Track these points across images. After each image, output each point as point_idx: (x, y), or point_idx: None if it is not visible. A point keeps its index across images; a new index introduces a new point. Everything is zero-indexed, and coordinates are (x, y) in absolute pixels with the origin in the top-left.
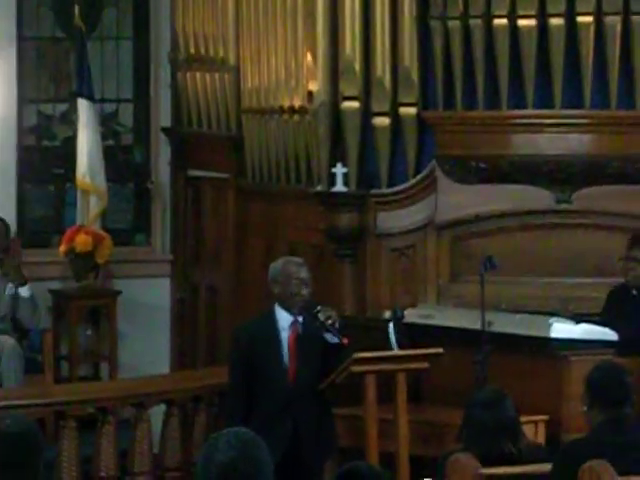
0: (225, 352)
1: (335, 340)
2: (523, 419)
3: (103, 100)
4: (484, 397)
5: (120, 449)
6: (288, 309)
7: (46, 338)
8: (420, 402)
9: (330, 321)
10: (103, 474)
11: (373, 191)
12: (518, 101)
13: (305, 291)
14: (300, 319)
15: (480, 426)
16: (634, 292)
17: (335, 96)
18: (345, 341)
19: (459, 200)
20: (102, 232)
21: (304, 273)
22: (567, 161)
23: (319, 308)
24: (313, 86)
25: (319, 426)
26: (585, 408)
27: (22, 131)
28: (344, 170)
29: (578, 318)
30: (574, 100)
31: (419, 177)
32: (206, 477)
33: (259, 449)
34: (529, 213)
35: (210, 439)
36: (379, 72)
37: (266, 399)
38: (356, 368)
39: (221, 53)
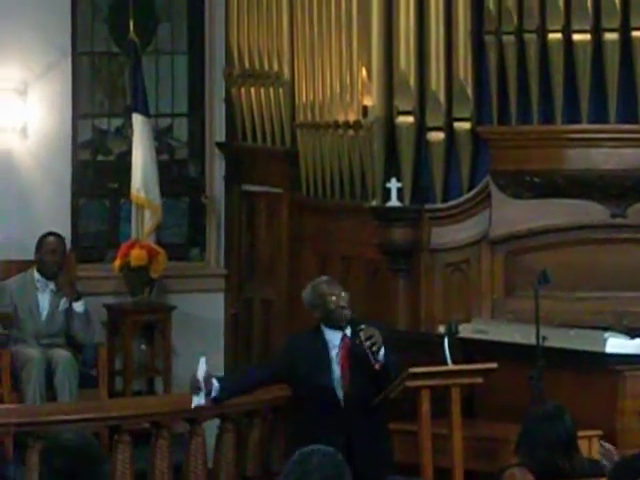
0: None
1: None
2: (577, 434)
3: (158, 115)
4: (545, 411)
5: (174, 464)
6: (336, 326)
7: (100, 353)
8: (474, 417)
9: (369, 342)
10: None
11: (427, 206)
12: (573, 116)
13: (343, 302)
14: (348, 333)
15: (538, 440)
16: None
17: (390, 111)
18: (377, 366)
19: (513, 215)
20: (156, 247)
21: (337, 287)
22: (622, 175)
23: (363, 327)
24: (368, 101)
25: (375, 442)
26: None
27: (77, 146)
28: (398, 185)
29: (633, 333)
30: (629, 114)
31: (473, 192)
32: None
33: (345, 470)
34: (584, 228)
35: (299, 456)
36: (434, 87)
37: (317, 416)
38: (410, 383)
39: (275, 68)
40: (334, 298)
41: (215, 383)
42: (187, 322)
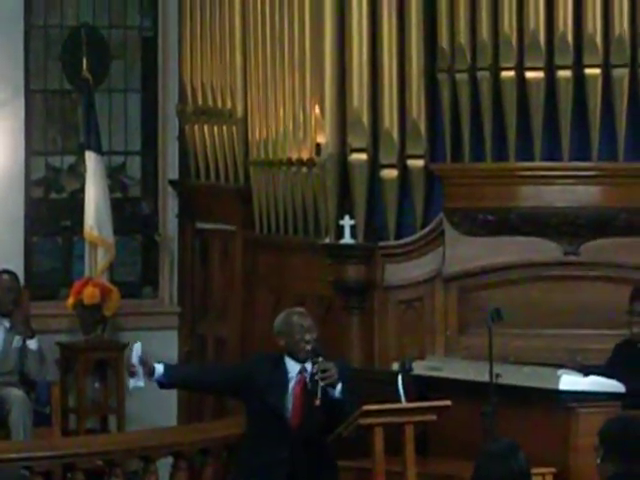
0: (232, 405)
1: (334, 395)
2: (531, 472)
3: (111, 152)
4: (497, 448)
5: None
6: (296, 358)
7: (54, 391)
8: (428, 455)
9: (318, 376)
10: None
11: (381, 243)
12: (526, 153)
13: (309, 337)
14: (308, 367)
15: (491, 477)
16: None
17: (343, 148)
18: (317, 402)
19: (467, 252)
20: (110, 285)
21: (307, 321)
22: (575, 213)
23: (320, 359)
24: (321, 138)
25: (321, 477)
26: (598, 460)
27: (30, 183)
28: (352, 222)
29: (586, 370)
30: (582, 152)
31: (427, 229)
32: None
33: None
34: (537, 265)
35: None
36: (387, 124)
37: (264, 445)
38: (364, 420)
39: (229, 105)
40: (301, 329)
41: (158, 366)
42: None
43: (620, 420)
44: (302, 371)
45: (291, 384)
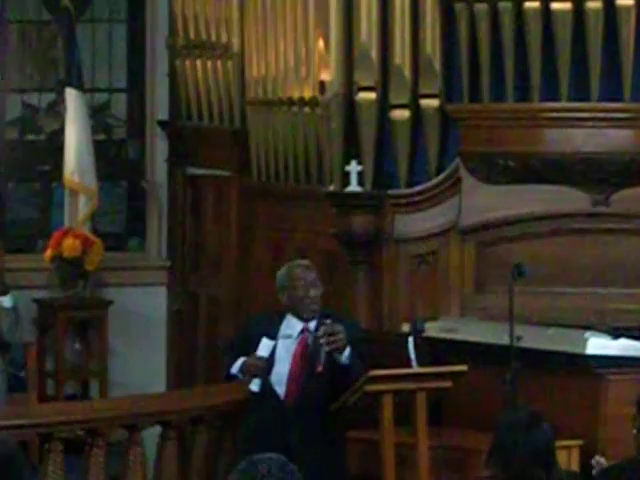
0: None
1: (341, 360)
2: (556, 444)
3: (94, 90)
4: (518, 419)
5: (110, 475)
6: (299, 315)
7: (30, 353)
8: (441, 425)
9: (323, 340)
10: None
11: (391, 192)
12: (551, 93)
13: (313, 292)
14: (312, 327)
15: (512, 450)
16: None
17: (349, 86)
18: (319, 369)
19: (485, 202)
20: (92, 236)
21: (311, 275)
22: (605, 159)
23: (329, 322)
24: (325, 75)
25: (322, 450)
26: (635, 431)
27: (4, 123)
28: (359, 168)
29: (616, 332)
30: (613, 92)
31: (441, 176)
32: None
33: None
34: (562, 216)
35: (245, 464)
36: (398, 60)
37: (260, 414)
38: (371, 387)
39: (224, 38)
40: (303, 284)
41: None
42: (125, 319)
43: None
44: (304, 331)
45: (289, 343)
